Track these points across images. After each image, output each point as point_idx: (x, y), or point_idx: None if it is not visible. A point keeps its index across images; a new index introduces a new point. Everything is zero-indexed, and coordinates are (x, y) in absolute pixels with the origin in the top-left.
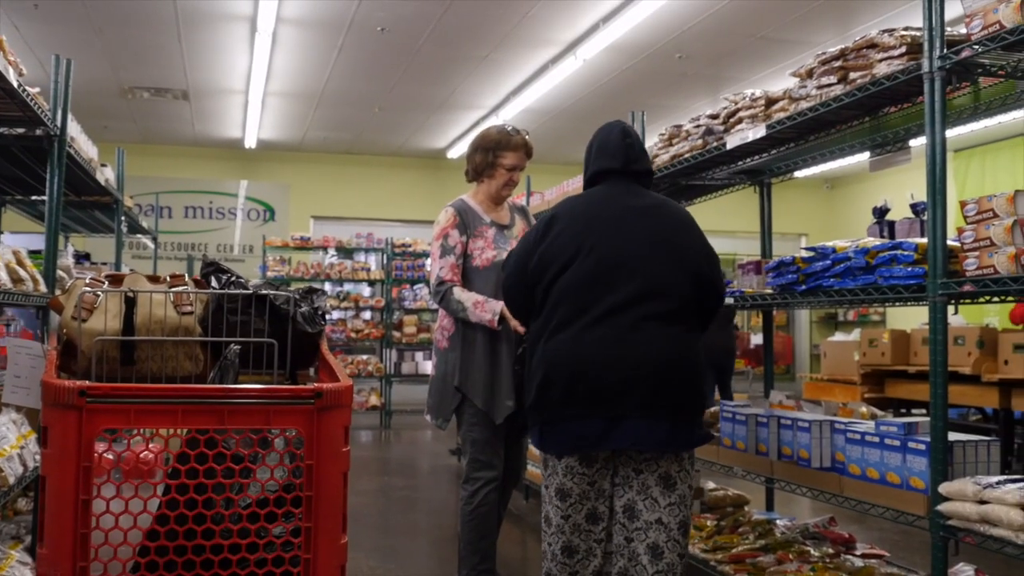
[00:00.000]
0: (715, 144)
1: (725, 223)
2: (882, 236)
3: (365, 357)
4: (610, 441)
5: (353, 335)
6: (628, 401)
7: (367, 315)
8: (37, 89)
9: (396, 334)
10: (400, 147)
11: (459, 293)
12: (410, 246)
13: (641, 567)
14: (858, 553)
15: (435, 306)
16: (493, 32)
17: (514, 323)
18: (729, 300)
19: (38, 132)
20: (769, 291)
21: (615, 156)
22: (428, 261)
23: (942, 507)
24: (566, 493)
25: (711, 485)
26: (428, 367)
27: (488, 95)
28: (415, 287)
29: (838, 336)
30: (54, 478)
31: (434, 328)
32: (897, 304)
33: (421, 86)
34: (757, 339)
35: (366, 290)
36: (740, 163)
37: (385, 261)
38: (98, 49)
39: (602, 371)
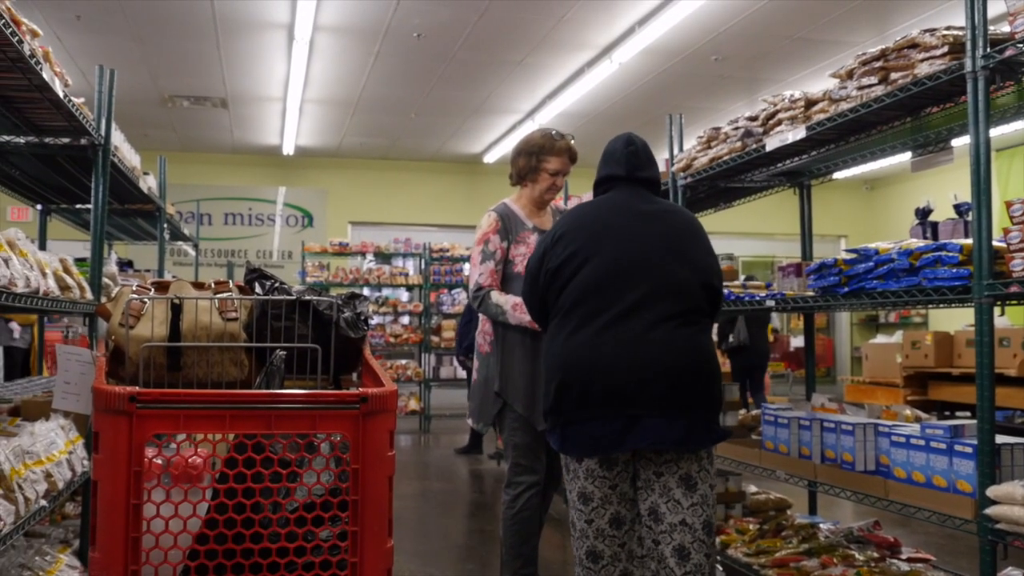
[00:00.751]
0: (754, 146)
1: (763, 225)
2: (925, 237)
3: (404, 362)
4: (628, 442)
5: (392, 340)
6: (645, 401)
7: (405, 320)
8: (82, 99)
9: (435, 339)
10: (436, 152)
11: (497, 296)
12: (448, 251)
13: (669, 570)
14: (904, 557)
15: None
16: (528, 36)
17: None
18: (770, 302)
19: (83, 142)
20: (811, 293)
21: (619, 163)
22: (467, 265)
23: (990, 510)
24: (588, 497)
25: (753, 489)
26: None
27: (524, 99)
28: (453, 291)
29: (880, 338)
30: (106, 483)
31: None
32: (941, 306)
33: (457, 91)
34: (797, 341)
35: (404, 295)
36: (779, 165)
37: (423, 266)
38: (138, 59)
39: (618, 372)
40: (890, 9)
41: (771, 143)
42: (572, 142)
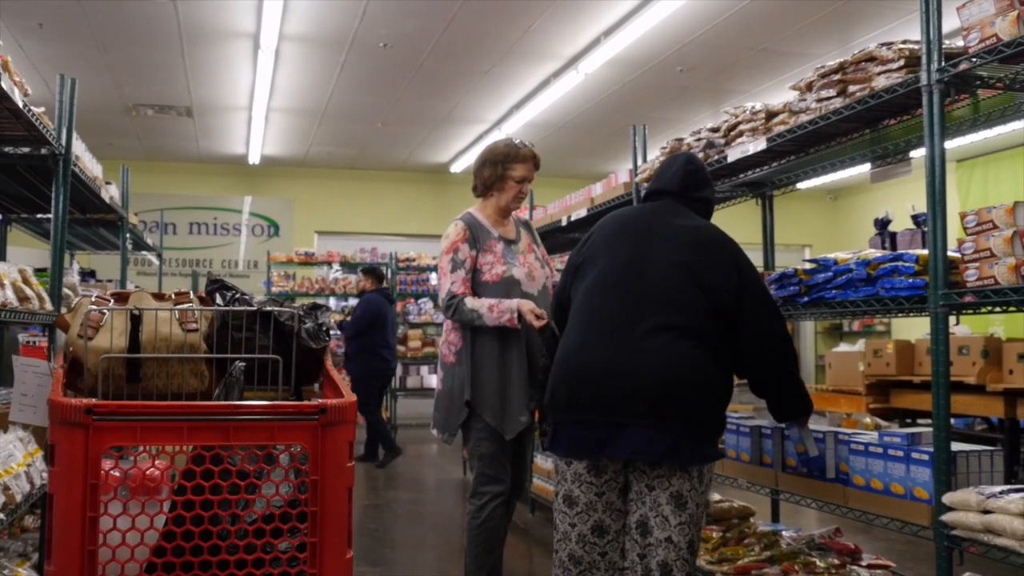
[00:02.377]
0: (716, 157)
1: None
2: (884, 247)
3: None
4: (609, 448)
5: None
6: (631, 410)
7: None
8: (42, 109)
9: (401, 348)
10: (403, 162)
11: (471, 302)
12: (414, 260)
13: None
14: (864, 564)
15: (440, 320)
16: (495, 47)
17: (530, 317)
18: None
19: (43, 151)
20: None
21: (673, 178)
22: (434, 275)
23: (946, 517)
24: (573, 501)
25: (716, 497)
26: (433, 381)
27: (491, 109)
28: (419, 301)
29: (843, 347)
30: (61, 495)
31: (439, 342)
32: (899, 315)
33: (424, 101)
34: None
35: None
36: (742, 176)
37: (389, 276)
38: (102, 67)
39: (607, 378)
40: (852, 23)
41: (732, 154)
42: (535, 149)
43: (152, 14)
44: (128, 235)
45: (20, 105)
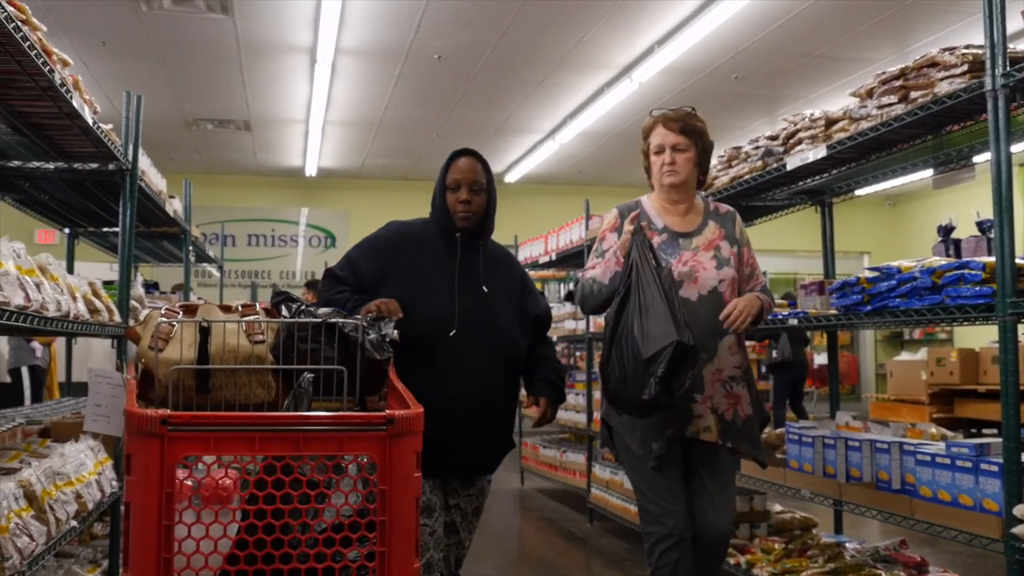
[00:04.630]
0: (775, 165)
1: (785, 242)
2: (948, 255)
3: None
4: None
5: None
6: None
7: None
8: (110, 125)
9: None
10: None
11: (586, 274)
12: None
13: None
14: None
15: None
16: (549, 57)
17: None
18: (793, 321)
19: (111, 167)
20: (833, 312)
21: None
22: None
23: (1017, 530)
24: None
25: (777, 508)
26: None
27: (544, 119)
28: None
29: (904, 355)
30: (138, 504)
31: None
32: (965, 324)
33: (478, 112)
34: (821, 359)
35: None
36: (800, 183)
37: None
38: (163, 83)
39: None
40: (909, 27)
41: (792, 162)
42: (670, 111)
43: (212, 30)
44: (191, 247)
45: (90, 122)
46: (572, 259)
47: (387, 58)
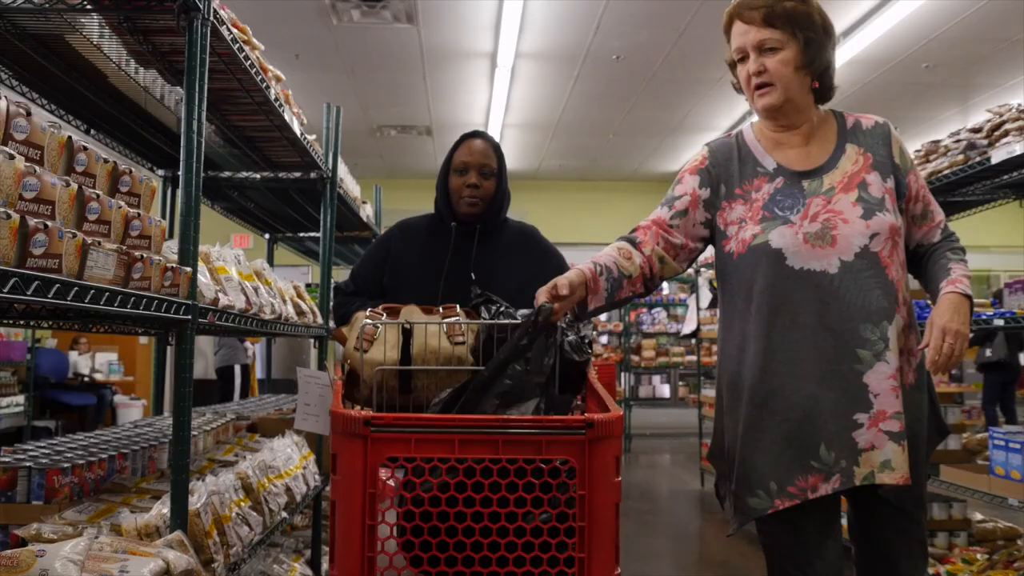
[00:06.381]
0: (978, 159)
1: (978, 238)
2: None
3: None
4: None
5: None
6: None
7: (604, 339)
8: (314, 136)
9: (634, 358)
10: (634, 172)
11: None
12: None
13: None
14: None
15: (674, 329)
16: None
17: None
18: (999, 321)
19: (312, 175)
20: None
21: None
22: (666, 284)
23: None
24: None
25: (979, 516)
26: (666, 391)
27: (722, 116)
28: (653, 311)
29: None
30: (343, 503)
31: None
32: None
33: (655, 111)
34: None
35: (603, 314)
36: (1004, 177)
37: None
38: (350, 92)
39: None
40: None
41: (997, 155)
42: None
43: (397, 39)
44: None
45: (298, 134)
46: None
47: (566, 60)
